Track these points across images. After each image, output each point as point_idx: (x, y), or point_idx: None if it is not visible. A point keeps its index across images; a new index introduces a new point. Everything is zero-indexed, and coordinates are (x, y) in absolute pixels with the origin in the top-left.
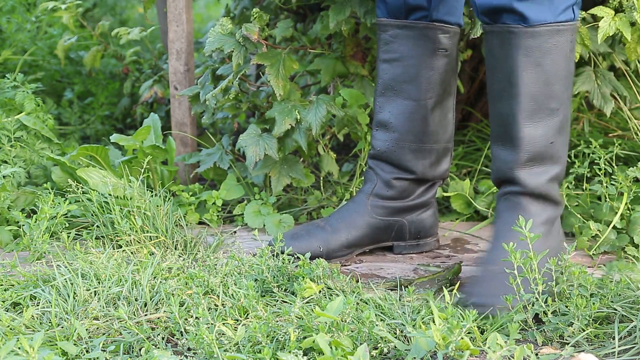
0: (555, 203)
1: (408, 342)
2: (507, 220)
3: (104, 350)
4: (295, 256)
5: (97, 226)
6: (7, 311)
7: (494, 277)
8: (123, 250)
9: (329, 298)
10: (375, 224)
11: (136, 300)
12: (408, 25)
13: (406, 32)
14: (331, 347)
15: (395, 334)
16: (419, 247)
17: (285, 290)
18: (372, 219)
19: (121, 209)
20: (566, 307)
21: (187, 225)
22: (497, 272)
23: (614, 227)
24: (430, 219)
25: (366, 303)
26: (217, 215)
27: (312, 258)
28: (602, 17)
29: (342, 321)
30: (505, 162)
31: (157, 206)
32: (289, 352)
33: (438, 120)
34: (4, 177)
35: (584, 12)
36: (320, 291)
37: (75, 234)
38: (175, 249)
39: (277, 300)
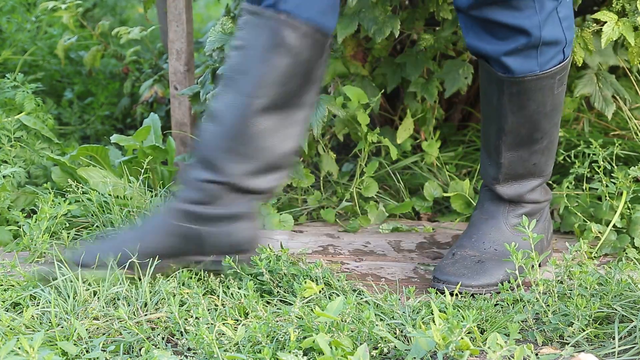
0: (537, 202)
1: (408, 342)
2: (488, 209)
3: (104, 350)
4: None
5: (97, 226)
6: (7, 311)
7: (464, 259)
8: None
9: (329, 298)
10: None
11: (136, 300)
12: (257, 11)
13: (254, 20)
14: (331, 347)
15: (395, 334)
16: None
17: (285, 291)
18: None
19: (121, 209)
20: (566, 307)
21: None
22: (468, 255)
23: (615, 227)
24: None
25: (367, 303)
26: None
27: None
28: (606, 22)
29: (342, 321)
30: (487, 173)
31: (158, 206)
32: (289, 352)
33: (269, 128)
34: (4, 177)
35: (589, 18)
36: (320, 291)
37: (75, 234)
38: None
39: (278, 299)
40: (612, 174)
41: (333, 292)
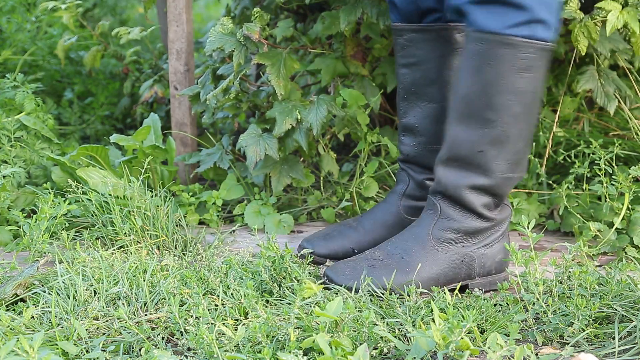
0: (477, 215)
1: (408, 342)
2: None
3: (104, 350)
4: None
5: (97, 227)
6: (7, 311)
7: (363, 260)
8: (123, 250)
9: (327, 299)
10: (408, 223)
11: (136, 300)
12: (423, 28)
13: (422, 36)
14: (331, 347)
15: (395, 333)
16: None
17: (286, 289)
18: (405, 219)
19: (121, 209)
20: (566, 307)
21: (187, 225)
22: (371, 257)
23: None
24: None
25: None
26: (217, 215)
27: (344, 258)
28: (610, 11)
29: (341, 321)
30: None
31: (157, 206)
32: (289, 352)
33: None
34: (4, 177)
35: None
36: (320, 291)
37: (75, 234)
38: (175, 248)
39: (278, 299)
40: (612, 175)
41: (333, 293)
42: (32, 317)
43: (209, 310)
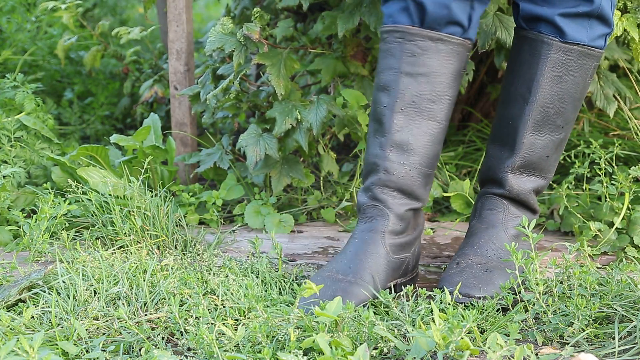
0: (533, 212)
1: (408, 342)
2: (487, 218)
3: (104, 350)
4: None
5: (97, 227)
6: (7, 311)
7: (471, 268)
8: (123, 250)
9: None
10: (393, 264)
11: (136, 300)
12: (443, 38)
13: (439, 46)
14: (331, 347)
15: (395, 334)
16: (414, 281)
17: (289, 288)
18: (391, 260)
19: (121, 209)
20: (566, 307)
21: (187, 225)
22: (474, 263)
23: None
24: (420, 248)
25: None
26: (217, 215)
27: None
28: None
29: (341, 321)
30: (498, 162)
31: (158, 206)
32: (289, 352)
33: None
34: (4, 177)
35: None
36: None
37: (75, 234)
38: (175, 248)
39: (278, 298)
40: (612, 175)
41: None
42: (32, 317)
43: (209, 310)
